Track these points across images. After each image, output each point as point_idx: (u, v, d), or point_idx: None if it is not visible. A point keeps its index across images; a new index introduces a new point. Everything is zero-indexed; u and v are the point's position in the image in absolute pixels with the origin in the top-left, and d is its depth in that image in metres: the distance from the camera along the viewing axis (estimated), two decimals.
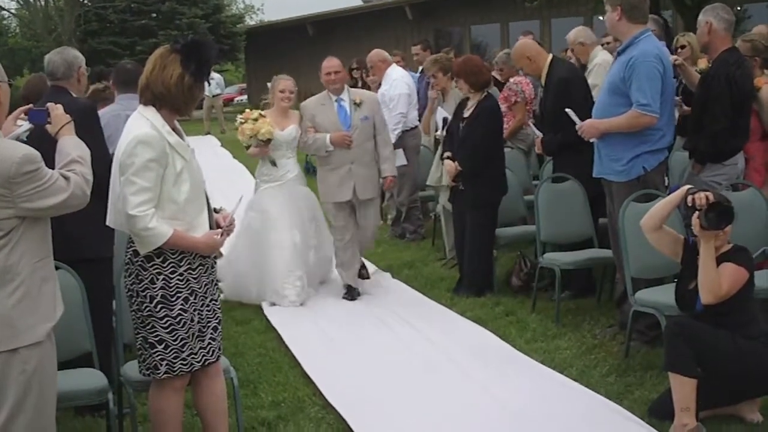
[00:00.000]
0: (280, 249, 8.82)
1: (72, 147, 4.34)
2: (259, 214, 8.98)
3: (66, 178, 4.14)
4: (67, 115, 4.50)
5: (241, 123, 8.90)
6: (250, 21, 44.47)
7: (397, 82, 11.26)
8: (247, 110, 9.11)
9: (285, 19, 39.07)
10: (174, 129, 4.86)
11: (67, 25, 36.91)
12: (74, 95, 6.20)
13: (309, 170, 18.03)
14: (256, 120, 8.82)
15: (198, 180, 4.87)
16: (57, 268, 4.65)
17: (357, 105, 8.89)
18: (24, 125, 4.59)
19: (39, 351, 4.10)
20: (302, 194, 9.16)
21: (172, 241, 4.71)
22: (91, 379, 5.26)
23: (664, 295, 6.31)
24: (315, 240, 9.20)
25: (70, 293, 5.21)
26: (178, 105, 4.82)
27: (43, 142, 4.51)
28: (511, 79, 10.82)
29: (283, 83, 9.09)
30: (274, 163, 8.98)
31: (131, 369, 5.32)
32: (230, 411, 5.44)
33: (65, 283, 5.15)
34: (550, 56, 8.41)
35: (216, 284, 5.06)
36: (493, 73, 11.71)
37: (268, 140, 8.79)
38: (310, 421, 5.89)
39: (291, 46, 36.60)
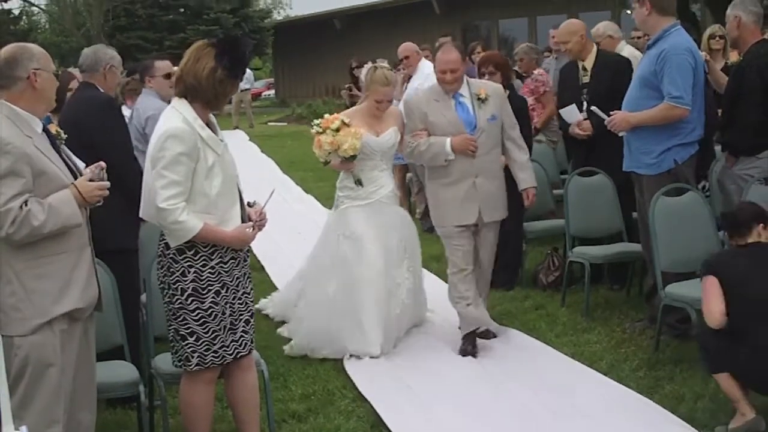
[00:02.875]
0: (374, 290, 7.05)
1: (55, 197, 4.39)
2: (353, 241, 7.15)
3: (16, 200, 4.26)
4: (86, 193, 4.51)
5: (318, 133, 7.13)
6: (278, 16, 44.60)
7: (431, 76, 11.18)
8: (327, 115, 7.25)
9: (312, 13, 39.10)
10: (208, 123, 4.87)
11: (96, 21, 37.05)
12: (101, 90, 6.26)
13: None
14: (337, 130, 7.04)
15: (230, 174, 4.88)
16: None
17: (481, 101, 6.95)
18: None
19: (31, 341, 4.33)
20: (397, 218, 7.38)
21: (202, 235, 4.73)
22: (122, 371, 5.31)
23: (694, 289, 6.26)
24: (409, 279, 7.29)
25: (102, 286, 5.21)
26: (208, 98, 4.82)
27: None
28: (536, 71, 10.76)
29: (383, 92, 7.18)
30: (360, 183, 7.21)
31: (162, 361, 5.37)
32: (261, 403, 5.46)
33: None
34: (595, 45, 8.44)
35: (248, 277, 5.07)
36: (515, 67, 11.71)
37: (353, 156, 7.08)
38: (340, 413, 5.91)
39: (318, 41, 36.61)
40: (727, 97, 7.15)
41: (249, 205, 5.10)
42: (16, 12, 42.53)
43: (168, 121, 4.80)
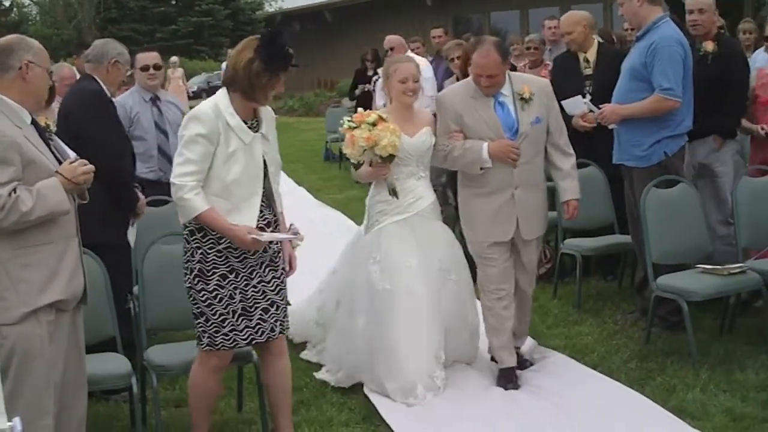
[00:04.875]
0: (415, 324, 6.01)
1: (43, 184, 4.38)
2: (382, 266, 6.13)
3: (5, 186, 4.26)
4: (71, 176, 4.48)
5: (351, 128, 6.02)
6: (269, 8, 44.45)
7: (424, 67, 11.03)
8: (360, 110, 6.23)
9: (303, 5, 39.04)
10: (255, 116, 5.00)
11: (87, 13, 37.05)
12: (99, 83, 6.27)
13: (329, 157, 18.14)
14: (373, 125, 5.96)
15: (254, 166, 4.96)
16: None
17: (525, 101, 6.07)
18: None
19: (18, 331, 4.33)
20: (437, 235, 6.30)
21: (204, 217, 4.85)
22: (115, 363, 5.30)
23: (686, 281, 6.33)
24: (450, 301, 6.23)
25: (93, 279, 5.25)
26: (244, 88, 4.90)
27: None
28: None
29: (405, 69, 6.16)
30: (395, 193, 6.15)
31: (154, 353, 5.38)
32: (253, 395, 5.47)
33: (88, 268, 5.17)
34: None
35: (270, 267, 5.07)
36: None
37: (390, 157, 6.03)
38: (332, 405, 5.92)
39: (309, 33, 36.59)
40: (709, 84, 7.13)
41: (291, 229, 5.17)
42: (7, 3, 42.50)
43: (199, 106, 5.03)
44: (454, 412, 5.73)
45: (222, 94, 4.98)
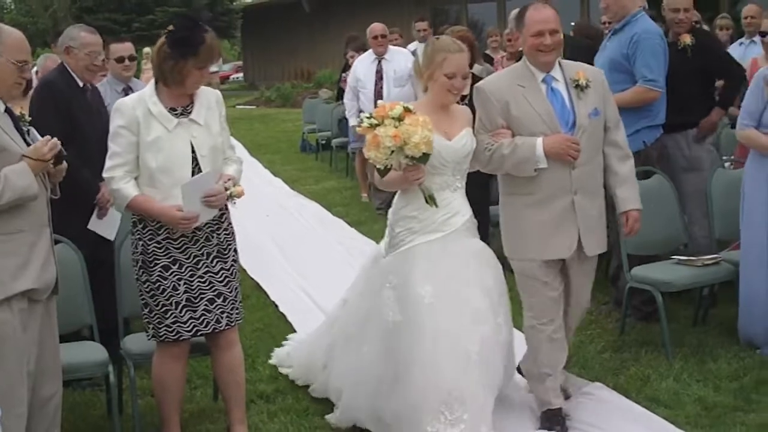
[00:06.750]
0: (449, 355, 4.96)
1: (9, 168, 4.33)
2: (397, 293, 5.10)
3: None
4: (37, 156, 4.43)
5: (373, 125, 4.85)
6: None
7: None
8: (381, 102, 5.08)
9: None
10: (189, 101, 4.96)
11: (63, 2, 36.79)
12: (67, 70, 6.27)
13: (305, 148, 18.10)
14: (400, 119, 4.80)
15: (179, 153, 4.90)
16: (57, 242, 4.77)
17: (581, 88, 5.16)
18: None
19: None
20: (478, 254, 5.30)
21: (133, 205, 4.90)
22: (91, 352, 5.30)
23: (660, 272, 6.37)
24: (504, 331, 5.27)
25: (70, 267, 5.27)
26: (159, 75, 4.92)
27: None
28: None
29: (456, 61, 5.04)
30: (433, 200, 5.04)
31: (131, 342, 5.39)
32: None
33: (65, 257, 5.19)
34: None
35: (217, 257, 5.04)
36: (488, 51, 11.69)
37: (425, 156, 4.88)
38: (308, 394, 5.91)
39: (287, 24, 36.49)
40: (695, 76, 7.23)
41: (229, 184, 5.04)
42: None
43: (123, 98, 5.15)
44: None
45: (151, 83, 5.01)
